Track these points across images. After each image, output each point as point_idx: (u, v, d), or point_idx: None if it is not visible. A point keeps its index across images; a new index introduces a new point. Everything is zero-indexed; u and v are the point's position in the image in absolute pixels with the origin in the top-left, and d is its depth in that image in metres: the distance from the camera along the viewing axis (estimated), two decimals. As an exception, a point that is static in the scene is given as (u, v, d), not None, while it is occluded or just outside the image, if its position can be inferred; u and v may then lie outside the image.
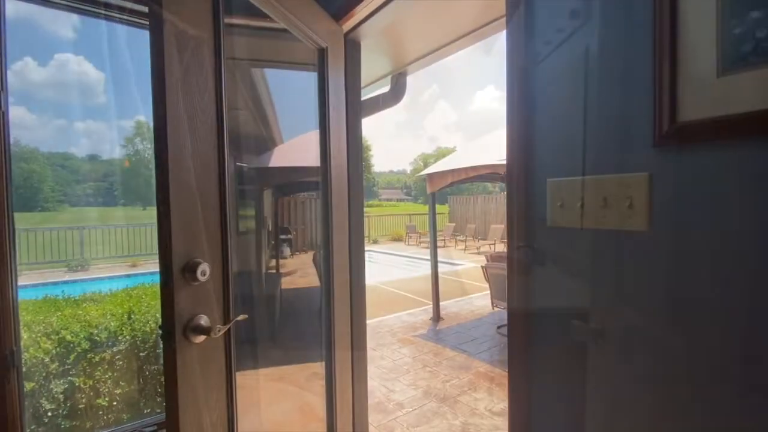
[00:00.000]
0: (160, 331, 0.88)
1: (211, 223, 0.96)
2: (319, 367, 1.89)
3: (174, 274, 0.86)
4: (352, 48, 1.82)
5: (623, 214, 0.77)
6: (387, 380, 3.57)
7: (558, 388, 0.91)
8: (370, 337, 4.73)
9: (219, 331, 0.90)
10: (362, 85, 2.73)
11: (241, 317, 1.00)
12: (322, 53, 1.60)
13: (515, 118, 0.96)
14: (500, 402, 3.13)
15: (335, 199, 1.72)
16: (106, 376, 1.85)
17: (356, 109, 2.01)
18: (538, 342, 0.94)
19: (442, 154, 53.31)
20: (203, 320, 0.92)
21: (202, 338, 0.91)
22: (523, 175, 0.94)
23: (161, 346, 2.06)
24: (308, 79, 1.84)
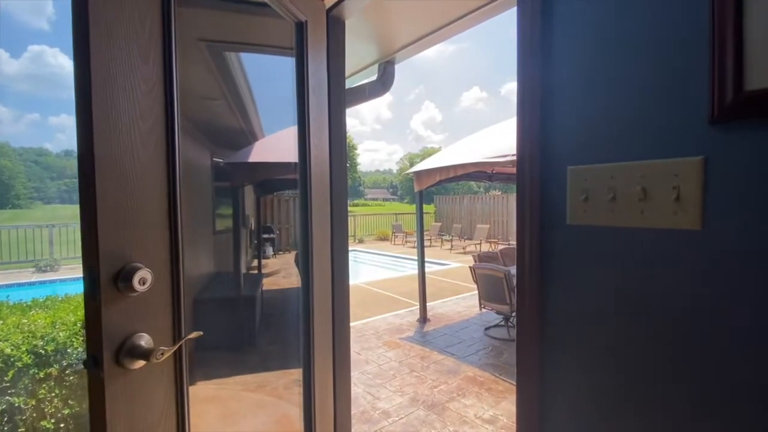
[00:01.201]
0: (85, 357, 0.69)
1: (155, 218, 0.77)
2: (300, 374, 1.71)
3: (102, 282, 0.67)
4: (335, 26, 1.65)
5: (667, 209, 0.62)
6: (372, 386, 3.41)
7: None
8: (355, 340, 4.56)
9: (163, 354, 0.72)
10: (347, 74, 2.55)
11: (194, 335, 0.81)
12: (301, 28, 1.42)
13: (528, 98, 0.80)
14: (490, 408, 3.01)
15: (316, 196, 1.54)
16: (53, 394, 1.63)
17: (340, 96, 1.83)
18: (551, 364, 0.79)
19: (428, 153, 53.44)
20: (143, 340, 0.73)
21: (141, 363, 0.72)
22: (536, 164, 0.78)
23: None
24: (292, 68, 1.66)
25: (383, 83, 2.33)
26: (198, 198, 2.06)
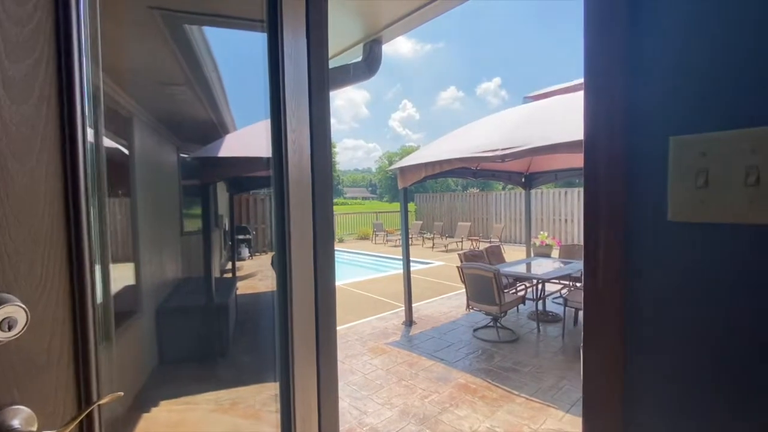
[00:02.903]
0: None
1: (40, 229, 0.49)
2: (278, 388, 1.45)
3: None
4: (316, -13, 1.37)
5: None
6: (358, 399, 3.14)
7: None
8: (338, 347, 4.28)
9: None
10: (329, 55, 2.27)
11: (107, 399, 0.53)
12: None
13: (603, 42, 0.55)
14: (486, 419, 2.80)
15: (295, 193, 1.27)
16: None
17: (322, 76, 1.55)
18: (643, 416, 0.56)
19: (406, 152, 53.53)
20: (16, 420, 0.45)
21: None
22: (618, 137, 0.54)
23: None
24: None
25: (369, 65, 2.06)
26: (162, 197, 1.73)
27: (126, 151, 1.42)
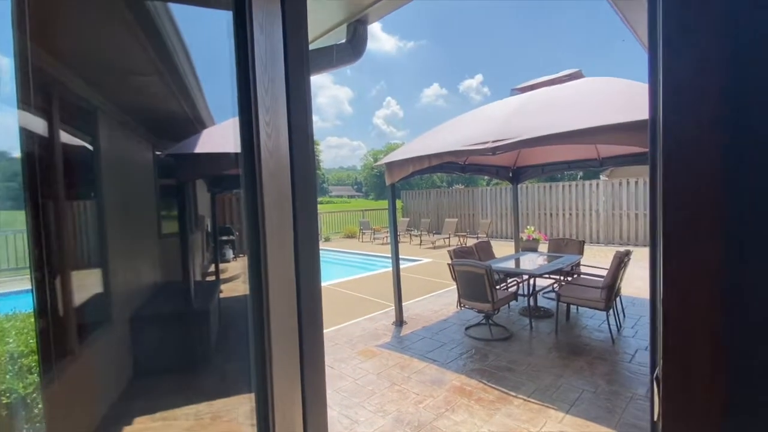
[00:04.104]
0: None
1: None
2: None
3: None
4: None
5: None
6: (349, 407, 2.97)
7: None
8: (326, 351, 4.09)
9: None
10: (310, 38, 2.08)
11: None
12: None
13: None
14: (484, 424, 2.67)
15: (269, 192, 1.08)
16: None
17: (301, 56, 1.37)
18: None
19: (391, 149, 53.34)
20: None
21: None
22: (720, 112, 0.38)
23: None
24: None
25: (354, 47, 1.88)
26: (136, 197, 1.55)
27: (90, 147, 1.25)
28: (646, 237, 11.37)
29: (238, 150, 1.18)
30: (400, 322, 4.93)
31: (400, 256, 5.26)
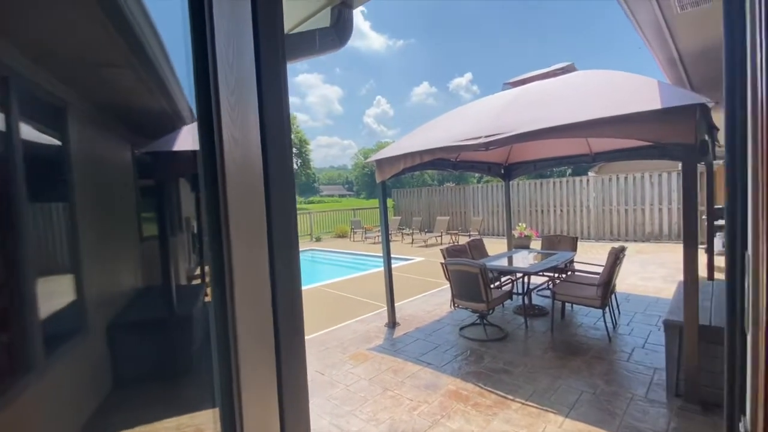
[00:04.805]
0: None
1: None
2: None
3: None
4: None
5: None
6: (340, 416, 2.83)
7: None
8: (316, 356, 3.94)
9: None
10: (288, 27, 1.92)
11: None
12: None
13: None
14: (481, 431, 2.55)
15: (234, 187, 0.93)
16: None
17: (276, 40, 1.22)
18: None
19: (381, 148, 53.16)
20: None
21: None
22: None
23: None
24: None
25: (338, 32, 1.73)
26: (113, 198, 1.35)
27: (59, 143, 1.08)
28: (636, 232, 11.42)
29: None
30: (392, 323, 4.80)
31: (392, 255, 5.12)
